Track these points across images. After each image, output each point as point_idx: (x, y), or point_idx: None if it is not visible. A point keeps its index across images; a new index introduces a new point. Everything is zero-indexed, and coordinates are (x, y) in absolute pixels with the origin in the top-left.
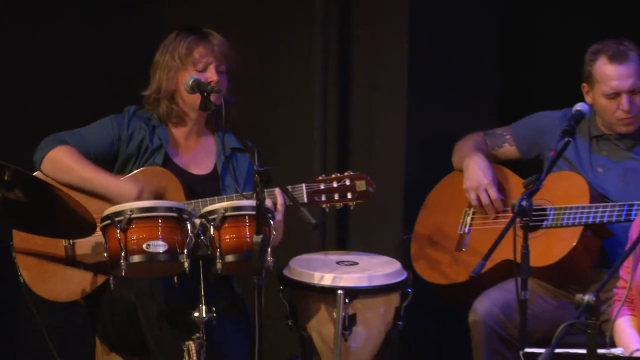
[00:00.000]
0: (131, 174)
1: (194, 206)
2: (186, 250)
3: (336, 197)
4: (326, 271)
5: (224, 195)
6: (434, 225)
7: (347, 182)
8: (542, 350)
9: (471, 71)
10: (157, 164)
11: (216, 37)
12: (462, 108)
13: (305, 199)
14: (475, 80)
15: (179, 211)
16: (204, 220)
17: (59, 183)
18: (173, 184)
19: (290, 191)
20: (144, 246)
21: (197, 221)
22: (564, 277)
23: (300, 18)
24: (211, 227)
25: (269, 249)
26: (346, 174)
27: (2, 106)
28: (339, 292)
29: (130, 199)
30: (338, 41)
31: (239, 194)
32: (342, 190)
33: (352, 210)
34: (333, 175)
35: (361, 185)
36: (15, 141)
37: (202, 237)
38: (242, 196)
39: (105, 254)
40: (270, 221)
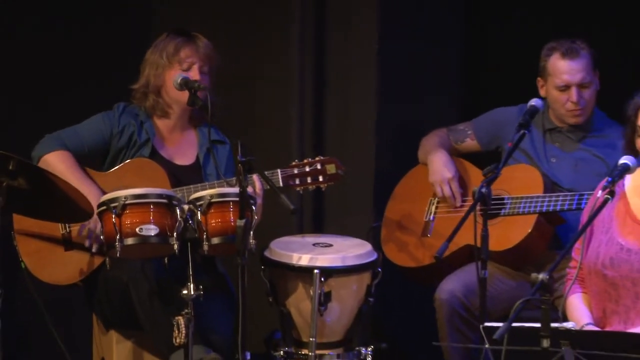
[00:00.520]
0: (120, 166)
1: (182, 193)
2: (175, 234)
3: (309, 180)
4: (303, 252)
5: (206, 182)
6: (402, 212)
7: (319, 166)
8: (500, 324)
9: (436, 71)
10: (145, 156)
11: (202, 40)
12: (427, 104)
13: (281, 183)
14: (440, 79)
15: (169, 198)
16: (191, 206)
17: None
18: (159, 174)
19: (269, 177)
20: (137, 230)
21: (186, 207)
22: (520, 260)
23: (280, 20)
24: (198, 212)
25: (251, 232)
26: (317, 158)
27: (6, 102)
28: (315, 271)
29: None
30: (314, 41)
31: (220, 180)
32: (314, 174)
33: (327, 196)
34: (305, 161)
35: (331, 169)
36: (18, 133)
37: (190, 222)
38: (224, 182)
39: (101, 237)
40: (252, 207)
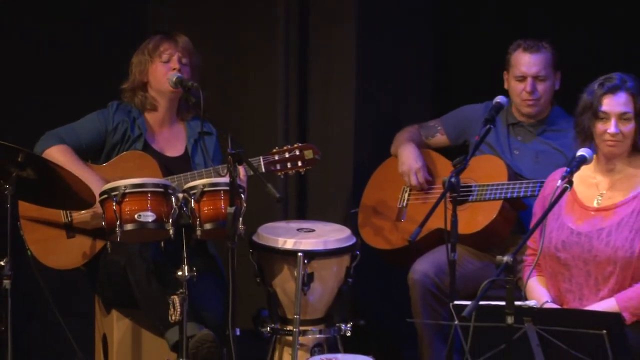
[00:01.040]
0: (116, 158)
1: (177, 182)
2: (171, 220)
3: (289, 165)
4: (288, 237)
5: (195, 171)
6: (378, 199)
7: (297, 152)
8: (468, 303)
9: (408, 72)
10: (138, 149)
11: (180, 36)
12: (400, 102)
13: (263, 169)
14: (412, 80)
15: (165, 187)
16: (186, 194)
17: None
18: (151, 165)
19: (252, 164)
20: (135, 216)
21: (180, 195)
22: (486, 242)
23: (266, 21)
24: (192, 200)
25: (240, 218)
26: (296, 145)
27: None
28: (299, 254)
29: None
30: (298, 42)
31: (208, 169)
32: (293, 160)
33: (309, 186)
34: (285, 147)
35: (309, 154)
36: (25, 128)
37: (184, 209)
38: (213, 170)
39: (102, 223)
40: (242, 195)
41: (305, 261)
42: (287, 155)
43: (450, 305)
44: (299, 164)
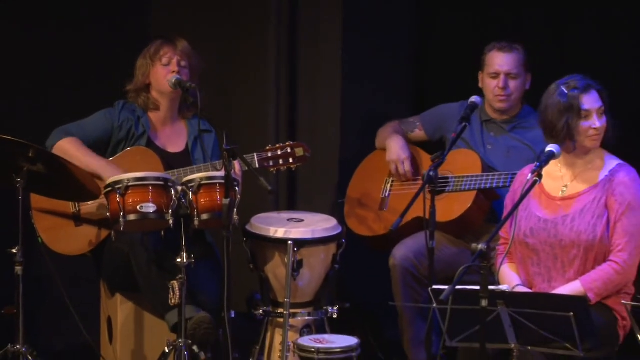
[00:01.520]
0: (121, 153)
1: (176, 176)
2: (171, 211)
3: (281, 162)
4: (279, 226)
5: (194, 166)
6: (362, 190)
7: (289, 150)
8: (446, 287)
9: (390, 74)
10: (142, 145)
11: (180, 41)
12: (383, 101)
13: (257, 165)
14: (394, 80)
15: (165, 180)
16: (184, 187)
17: None
18: (154, 160)
19: (247, 160)
20: (138, 207)
21: (179, 188)
22: (462, 229)
23: (259, 28)
24: (190, 192)
25: (235, 209)
26: (287, 143)
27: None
28: (289, 242)
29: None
30: (287, 45)
31: (206, 164)
32: (285, 157)
33: (299, 179)
34: (277, 145)
35: (299, 152)
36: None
37: (183, 200)
38: (210, 165)
39: (107, 214)
40: (236, 188)
41: (295, 249)
42: (279, 152)
43: (429, 290)
44: (290, 160)
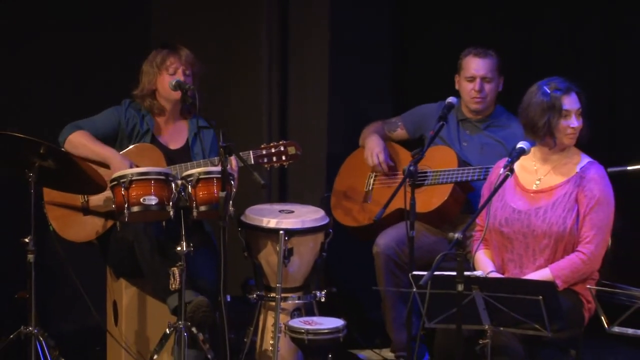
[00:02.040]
0: (128, 149)
1: (176, 170)
2: (171, 203)
3: (274, 159)
4: (271, 217)
5: (194, 161)
6: (348, 184)
7: (282, 148)
8: (425, 273)
9: (373, 77)
10: (147, 142)
11: (184, 50)
12: (367, 101)
13: (252, 162)
14: (377, 82)
15: (166, 175)
16: (184, 181)
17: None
18: (157, 155)
19: (243, 157)
20: (141, 200)
21: (179, 182)
22: (439, 219)
23: (253, 35)
24: (189, 186)
25: (230, 201)
26: (281, 142)
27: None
28: (281, 232)
29: (123, 168)
30: (279, 51)
31: (206, 160)
32: (278, 154)
33: (289, 174)
34: (272, 144)
35: (292, 150)
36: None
37: (182, 193)
38: (208, 161)
39: (113, 205)
40: (232, 182)
41: (286, 238)
42: (273, 150)
43: (409, 276)
44: (283, 158)
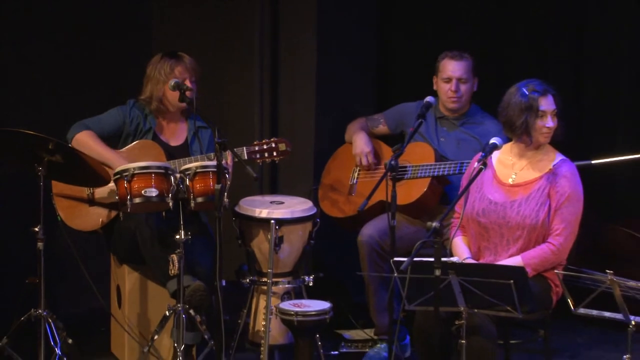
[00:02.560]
0: (130, 146)
1: (176, 165)
2: (170, 194)
3: (266, 155)
4: (263, 208)
5: (192, 157)
6: (334, 177)
7: (273, 145)
8: (405, 259)
9: (358, 77)
10: (149, 139)
11: (188, 59)
12: (352, 100)
13: (246, 157)
14: (361, 83)
15: (165, 168)
16: (182, 174)
17: None
18: (158, 151)
19: (237, 152)
20: (142, 192)
21: (178, 175)
22: (418, 211)
23: (246, 40)
24: (187, 179)
25: (225, 193)
26: (272, 139)
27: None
28: (272, 221)
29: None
30: (270, 55)
31: (203, 155)
32: (270, 150)
33: (280, 168)
34: (264, 141)
35: (282, 147)
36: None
37: (181, 186)
38: (205, 156)
39: (116, 197)
40: (226, 175)
41: (277, 227)
42: (265, 147)
43: (391, 261)
44: (274, 154)
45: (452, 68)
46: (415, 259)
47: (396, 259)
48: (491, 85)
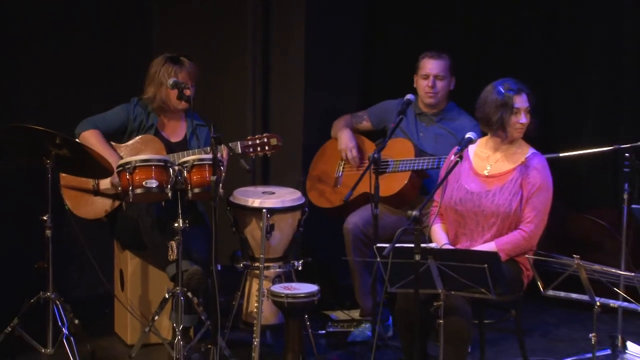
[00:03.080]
0: (134, 139)
1: (175, 158)
2: (169, 185)
3: (259, 149)
4: (256, 198)
5: (190, 151)
6: (321, 170)
7: (265, 140)
8: (387, 245)
9: (343, 77)
10: (151, 134)
11: (188, 64)
12: (338, 98)
13: (240, 151)
14: (347, 81)
15: (165, 161)
16: (180, 167)
17: None
18: (159, 146)
19: (232, 147)
20: (143, 183)
21: (176, 167)
22: (400, 202)
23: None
24: (185, 171)
25: (220, 184)
26: (264, 135)
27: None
28: (264, 210)
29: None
30: (261, 55)
31: (200, 149)
32: (262, 145)
33: (271, 160)
34: (257, 136)
35: (274, 141)
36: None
37: (179, 177)
38: (202, 150)
39: (119, 188)
40: (221, 167)
41: (268, 215)
42: (257, 141)
43: (374, 247)
44: (266, 148)
45: (430, 66)
46: (397, 245)
47: (379, 245)
48: (468, 84)
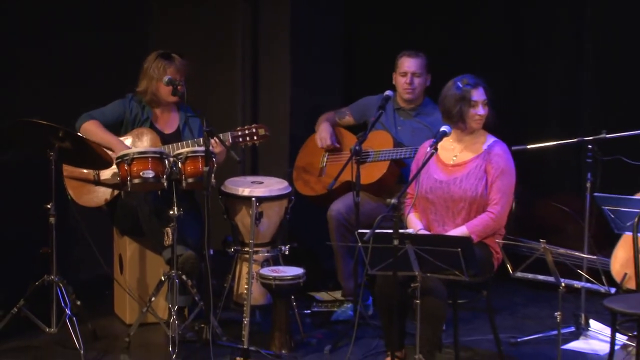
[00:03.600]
0: (130, 132)
1: (169, 150)
2: (165, 176)
3: (248, 139)
4: (245, 187)
5: (183, 142)
6: (306, 161)
7: (254, 130)
8: (368, 231)
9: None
10: (146, 127)
11: (179, 60)
12: (322, 94)
13: (231, 141)
14: (330, 78)
15: (160, 153)
16: (175, 158)
17: None
18: (153, 137)
19: (222, 136)
20: (140, 174)
21: (172, 159)
22: (379, 189)
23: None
24: (179, 162)
25: (212, 174)
26: (253, 125)
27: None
28: (253, 199)
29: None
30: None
31: (193, 141)
32: (251, 135)
33: (260, 152)
34: (246, 127)
35: (262, 131)
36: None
37: (174, 168)
38: (195, 142)
39: (118, 178)
40: (213, 159)
41: (257, 203)
42: (247, 132)
43: (355, 233)
44: (255, 138)
45: (407, 64)
46: (377, 231)
47: (360, 230)
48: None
